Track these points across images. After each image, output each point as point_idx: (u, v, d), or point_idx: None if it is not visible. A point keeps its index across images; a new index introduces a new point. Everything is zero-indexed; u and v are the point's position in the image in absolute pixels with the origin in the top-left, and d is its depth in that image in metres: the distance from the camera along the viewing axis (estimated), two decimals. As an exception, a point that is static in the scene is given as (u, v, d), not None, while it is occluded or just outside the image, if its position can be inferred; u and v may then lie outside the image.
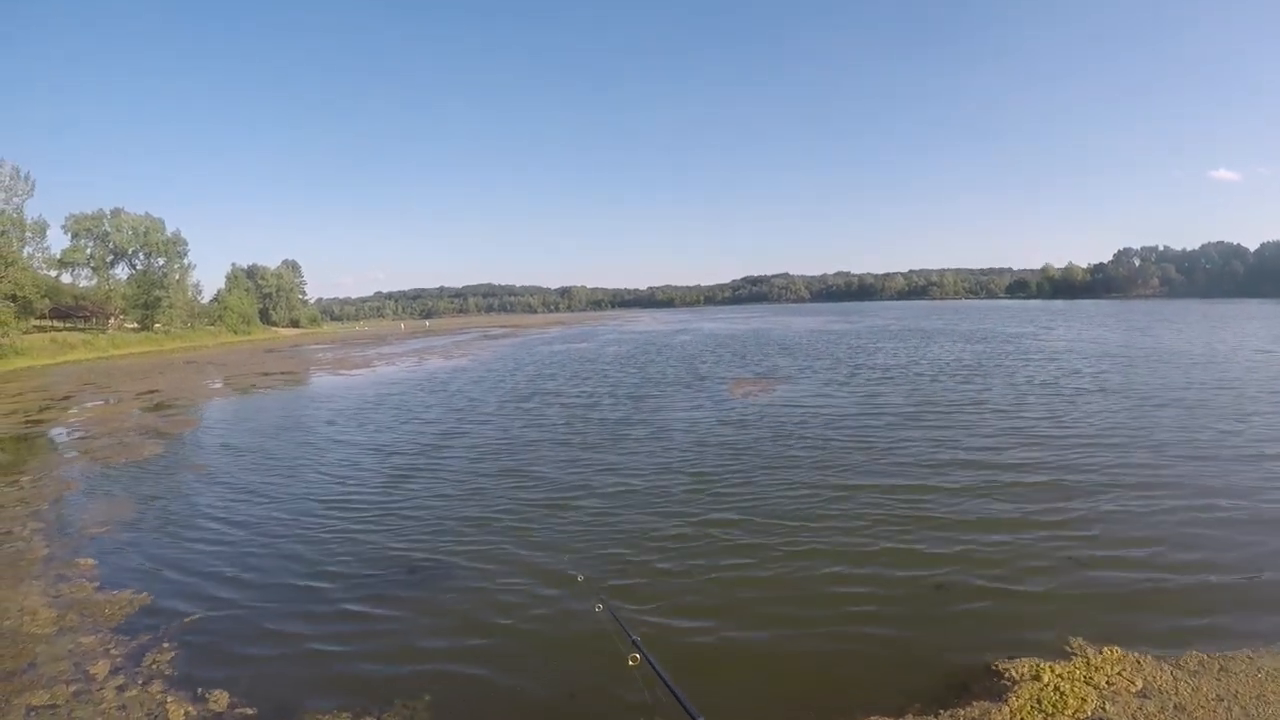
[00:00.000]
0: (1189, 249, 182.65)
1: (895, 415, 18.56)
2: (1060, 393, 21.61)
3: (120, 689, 6.31)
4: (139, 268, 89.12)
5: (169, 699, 6.17)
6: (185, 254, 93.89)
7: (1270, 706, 5.30)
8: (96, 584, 8.78)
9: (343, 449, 17.38)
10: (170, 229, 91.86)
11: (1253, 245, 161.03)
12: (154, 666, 6.71)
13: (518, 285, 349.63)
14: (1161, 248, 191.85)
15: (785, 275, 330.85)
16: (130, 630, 7.46)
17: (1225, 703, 5.40)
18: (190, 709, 6.03)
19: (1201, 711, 5.33)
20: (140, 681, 6.44)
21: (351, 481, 13.95)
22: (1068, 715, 5.41)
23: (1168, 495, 10.80)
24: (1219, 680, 5.67)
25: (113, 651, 6.97)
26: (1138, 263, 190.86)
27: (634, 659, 3.28)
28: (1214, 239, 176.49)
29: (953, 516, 10.28)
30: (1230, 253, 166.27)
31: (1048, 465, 12.81)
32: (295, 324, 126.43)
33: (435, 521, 11.14)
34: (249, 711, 6.01)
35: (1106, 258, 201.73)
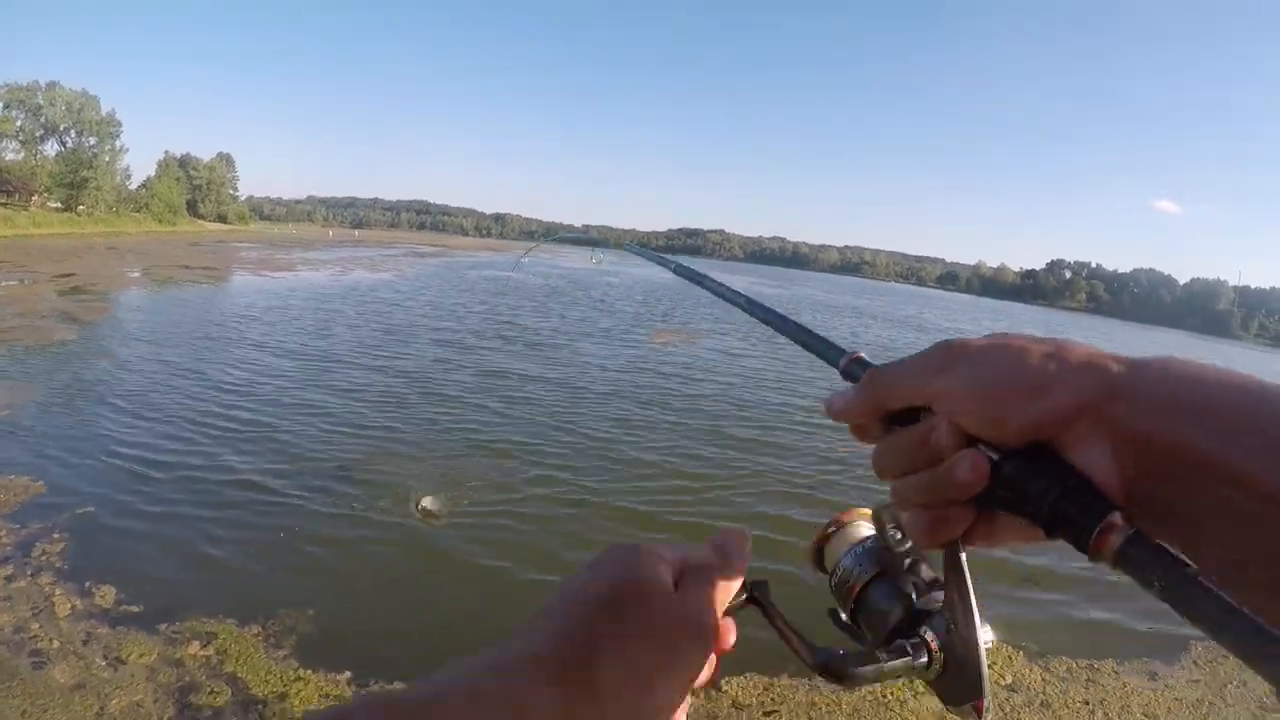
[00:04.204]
0: (1120, 270, 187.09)
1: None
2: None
3: (7, 579, 6.30)
4: (69, 146, 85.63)
5: (56, 591, 6.17)
6: (118, 136, 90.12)
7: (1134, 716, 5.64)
8: (-11, 469, 8.62)
9: (253, 350, 17.20)
10: (105, 109, 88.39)
11: (1182, 278, 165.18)
12: (44, 558, 6.68)
13: (452, 205, 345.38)
14: (1094, 264, 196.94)
15: (721, 232, 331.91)
16: (22, 518, 7.39)
17: (1090, 707, 5.71)
18: (77, 603, 6.05)
19: (1068, 712, 5.64)
20: (29, 573, 6.42)
21: (259, 384, 13.85)
22: (936, 702, 5.67)
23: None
24: (1086, 688, 5.94)
25: (2, 540, 6.91)
26: (1069, 275, 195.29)
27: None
28: (1146, 265, 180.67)
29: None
30: (1160, 281, 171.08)
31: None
32: (223, 219, 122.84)
33: (339, 429, 11.23)
34: (134, 609, 6.06)
35: (1039, 265, 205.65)
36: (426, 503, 7.73)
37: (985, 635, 0.63)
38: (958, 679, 0.64)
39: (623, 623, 0.53)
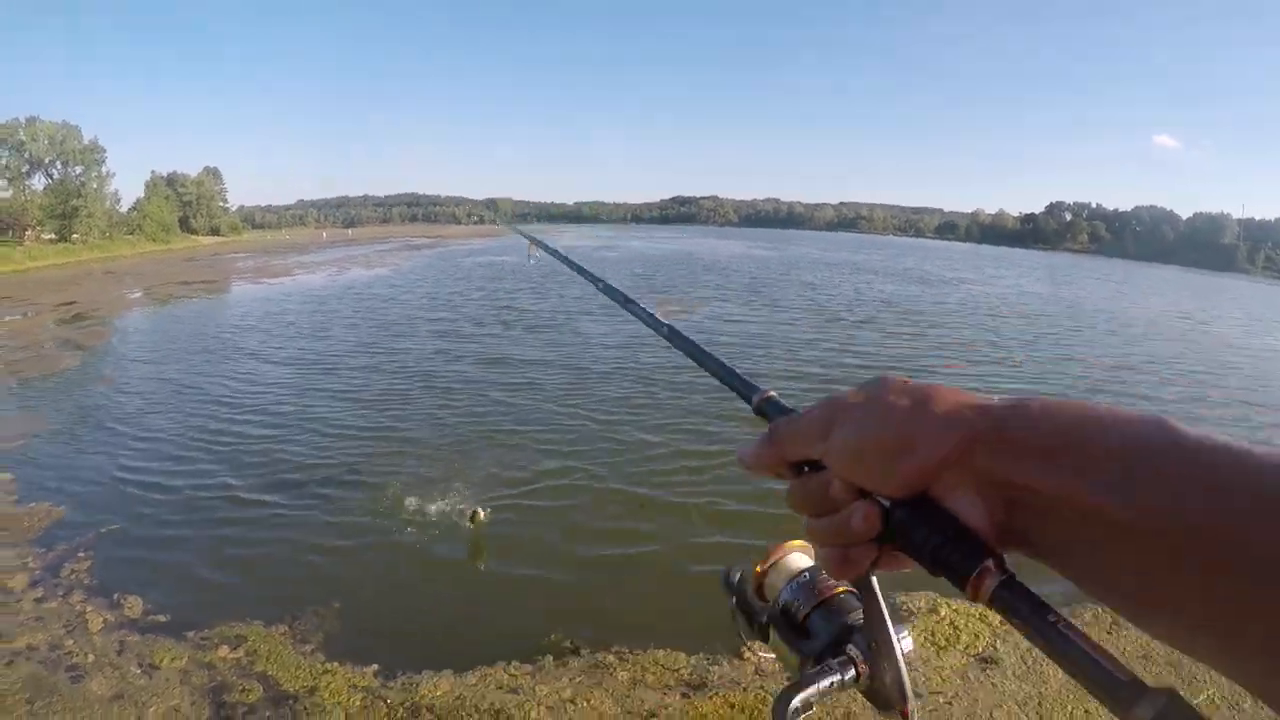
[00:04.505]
0: (1121, 209, 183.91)
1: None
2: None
3: (39, 600, 6.51)
4: (56, 177, 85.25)
5: (87, 608, 6.38)
6: (103, 162, 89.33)
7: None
8: (13, 498, 8.84)
9: (257, 360, 17.42)
10: (88, 137, 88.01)
11: (1185, 214, 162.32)
12: (72, 577, 6.90)
13: (442, 195, 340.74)
14: (1094, 204, 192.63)
15: (714, 198, 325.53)
16: (48, 542, 7.62)
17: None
18: (108, 616, 6.25)
19: None
20: (60, 593, 6.63)
21: (265, 392, 14.10)
22: (959, 649, 5.88)
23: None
24: (1108, 635, 6.04)
25: (30, 564, 7.13)
26: (1069, 217, 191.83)
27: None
28: (1147, 203, 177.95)
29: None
30: (1162, 218, 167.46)
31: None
32: (216, 232, 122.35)
33: (349, 432, 11.45)
34: (163, 618, 6.28)
35: (1038, 208, 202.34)
36: (481, 514, 7.72)
37: (905, 645, 0.72)
38: (884, 688, 0.73)
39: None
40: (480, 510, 7.64)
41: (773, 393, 0.80)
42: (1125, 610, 0.50)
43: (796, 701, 0.75)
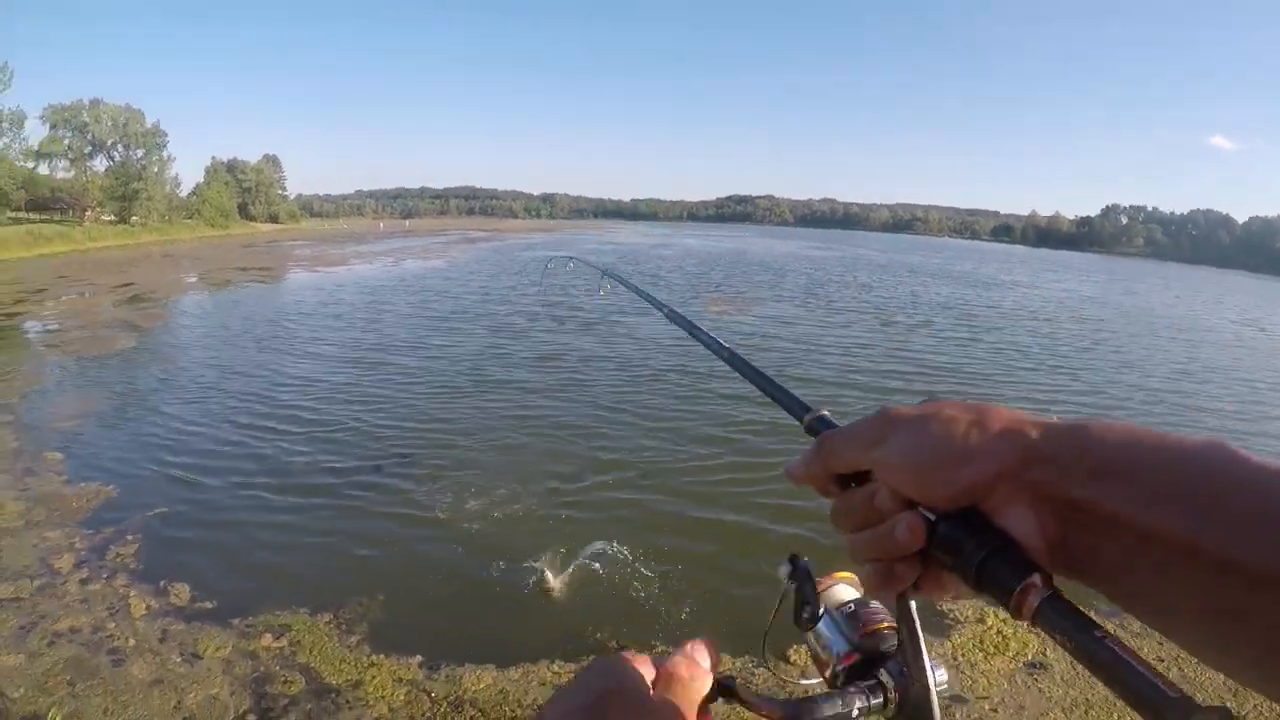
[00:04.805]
0: (1177, 212, 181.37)
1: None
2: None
3: (83, 582, 6.46)
4: (117, 160, 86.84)
5: (131, 592, 6.32)
6: (164, 146, 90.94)
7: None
8: (64, 478, 8.84)
9: (312, 346, 17.53)
10: (150, 121, 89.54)
11: (1241, 217, 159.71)
12: (118, 560, 6.85)
13: (500, 189, 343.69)
14: (1150, 208, 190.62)
15: (770, 198, 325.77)
16: (95, 524, 7.58)
17: (1164, 664, 5.58)
18: (152, 602, 6.18)
19: None
20: (104, 575, 6.58)
21: (320, 379, 14.13)
22: (1008, 656, 5.73)
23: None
24: (1161, 644, 5.81)
25: (77, 545, 7.09)
26: (1124, 220, 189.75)
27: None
28: (1203, 206, 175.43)
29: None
30: (1218, 222, 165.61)
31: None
32: (274, 219, 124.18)
33: (401, 421, 11.39)
34: (208, 605, 6.19)
35: (1093, 211, 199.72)
36: (549, 576, 7.22)
37: (939, 676, 0.71)
38: (914, 716, 0.72)
39: None
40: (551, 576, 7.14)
41: (825, 411, 0.82)
42: (1179, 637, 0.51)
43: (822, 714, 0.74)
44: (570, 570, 6.96)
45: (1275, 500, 0.45)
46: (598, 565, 7.07)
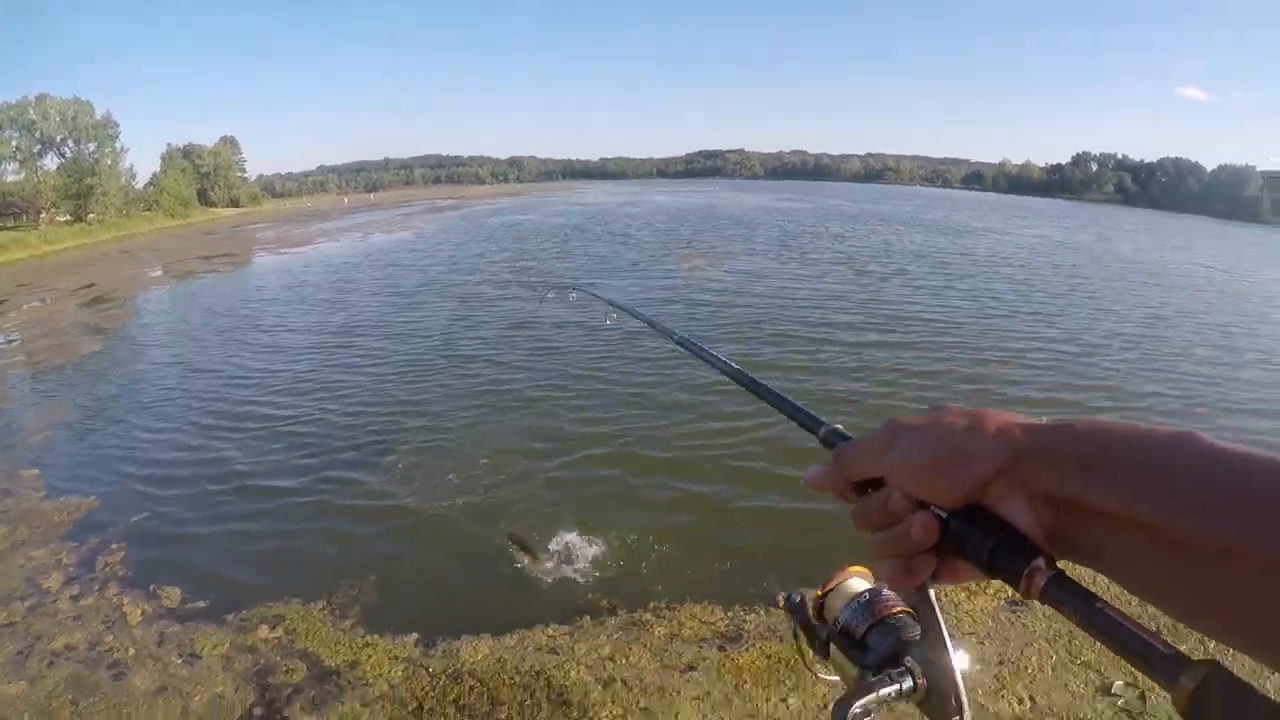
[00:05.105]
0: (1146, 160, 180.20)
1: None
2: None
3: (75, 598, 6.49)
4: (69, 156, 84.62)
5: (124, 601, 6.37)
6: (117, 137, 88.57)
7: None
8: (42, 494, 8.82)
9: (282, 334, 17.44)
10: (100, 112, 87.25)
11: (1210, 166, 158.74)
12: (107, 570, 6.89)
13: (465, 156, 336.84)
14: (1120, 155, 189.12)
15: (740, 151, 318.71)
16: (79, 537, 7.59)
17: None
18: (146, 608, 6.24)
19: (1123, 598, 5.68)
20: (95, 588, 6.62)
21: (291, 368, 14.10)
22: (989, 595, 5.99)
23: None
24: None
25: (64, 561, 7.11)
26: (1095, 168, 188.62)
27: None
28: (1173, 155, 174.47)
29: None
30: (1187, 169, 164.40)
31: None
32: (235, 203, 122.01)
33: (375, 406, 11.41)
34: (201, 605, 6.26)
35: (1064, 159, 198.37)
36: (536, 545, 7.12)
37: (961, 660, 0.75)
38: (940, 700, 0.75)
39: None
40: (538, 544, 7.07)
41: (838, 425, 0.89)
42: (1164, 607, 0.56)
43: (857, 707, 0.77)
44: (556, 537, 7.06)
45: (1236, 485, 0.50)
46: (582, 532, 7.18)
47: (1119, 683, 4.84)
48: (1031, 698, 4.79)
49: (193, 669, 5.46)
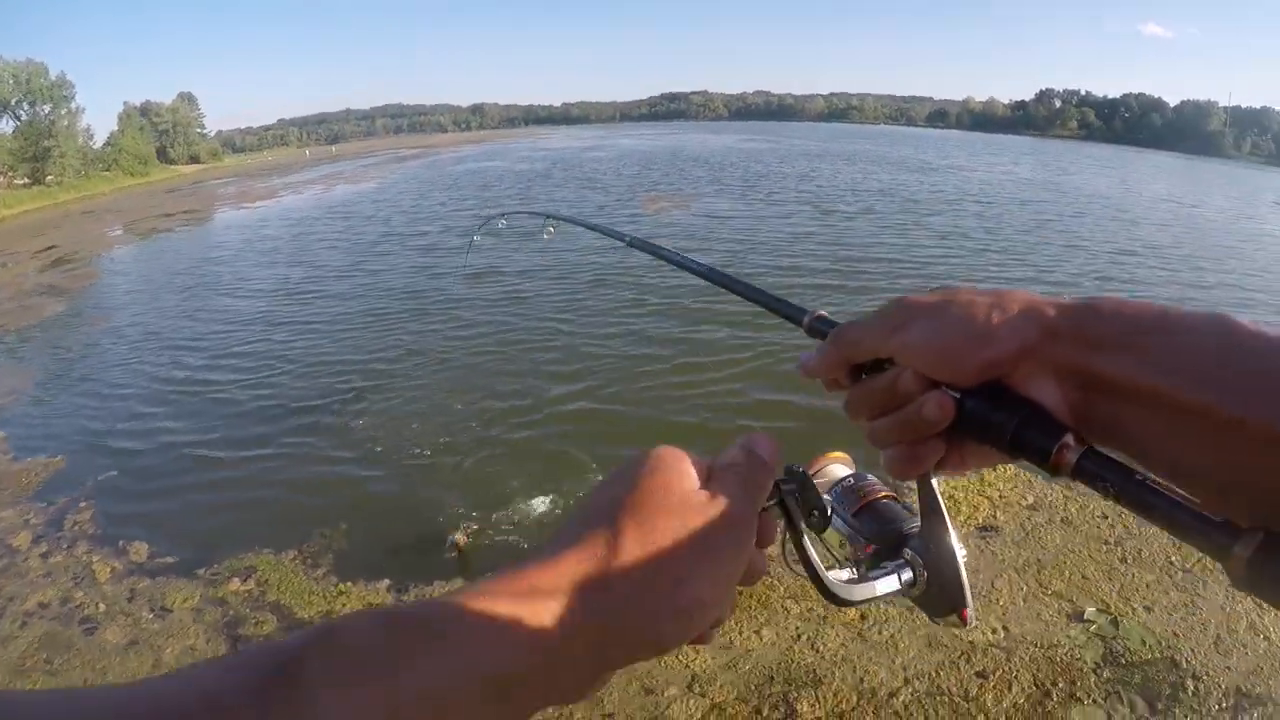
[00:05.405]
0: (1110, 96, 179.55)
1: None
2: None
3: (45, 556, 6.48)
4: (24, 119, 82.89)
5: (94, 558, 6.35)
6: (72, 98, 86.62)
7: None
8: (10, 455, 8.72)
9: (246, 286, 17.29)
10: (54, 72, 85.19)
11: (1174, 101, 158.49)
12: (76, 529, 6.86)
13: (428, 104, 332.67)
14: (1084, 92, 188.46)
15: (704, 93, 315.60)
16: (47, 496, 7.54)
17: (1109, 520, 5.81)
18: (115, 564, 6.23)
19: (1088, 525, 5.77)
20: (65, 546, 6.59)
21: (255, 321, 13.99)
22: (959, 521, 5.89)
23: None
24: (1104, 502, 6.00)
25: (32, 521, 7.07)
26: (1058, 104, 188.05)
27: None
28: (1136, 91, 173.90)
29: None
30: (1150, 105, 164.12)
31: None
32: (195, 159, 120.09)
33: (340, 357, 11.36)
34: (170, 560, 6.25)
35: (1028, 96, 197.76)
36: (462, 540, 6.97)
37: (959, 551, 0.72)
38: (941, 592, 0.73)
39: (647, 519, 0.55)
40: (461, 537, 6.90)
41: (823, 311, 0.85)
42: (1195, 494, 0.53)
43: (857, 594, 0.72)
44: (530, 478, 7.10)
45: (1273, 364, 0.49)
46: (558, 469, 7.25)
47: (1091, 609, 4.92)
48: (1005, 627, 4.83)
49: (163, 623, 5.47)
